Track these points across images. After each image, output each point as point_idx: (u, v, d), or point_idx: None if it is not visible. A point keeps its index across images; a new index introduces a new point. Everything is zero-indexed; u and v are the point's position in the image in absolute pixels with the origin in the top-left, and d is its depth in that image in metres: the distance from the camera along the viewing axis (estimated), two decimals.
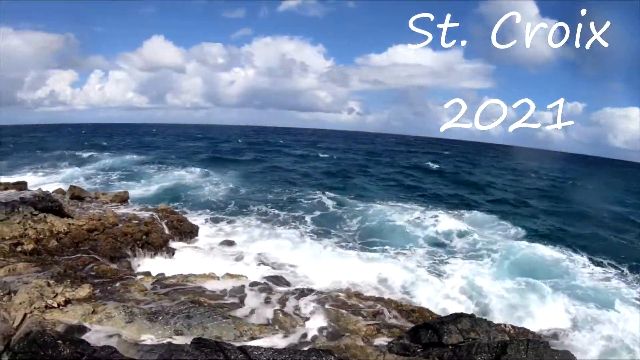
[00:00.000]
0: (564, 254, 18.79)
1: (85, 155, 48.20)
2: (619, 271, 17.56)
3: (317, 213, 24.45)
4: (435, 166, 53.14)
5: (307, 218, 23.21)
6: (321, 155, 59.71)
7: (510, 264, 17.14)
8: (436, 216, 24.27)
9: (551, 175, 55.80)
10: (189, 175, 36.37)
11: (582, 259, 18.58)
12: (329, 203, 27.07)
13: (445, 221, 23.25)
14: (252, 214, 23.47)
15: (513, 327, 10.80)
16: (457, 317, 7.74)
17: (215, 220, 21.67)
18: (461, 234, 21.13)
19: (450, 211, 26.27)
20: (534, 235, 21.90)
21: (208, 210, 23.80)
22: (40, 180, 31.94)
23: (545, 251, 18.70)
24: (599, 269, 17.68)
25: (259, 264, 15.00)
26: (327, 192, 29.83)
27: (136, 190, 28.79)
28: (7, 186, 20.24)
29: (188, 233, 17.39)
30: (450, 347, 7.15)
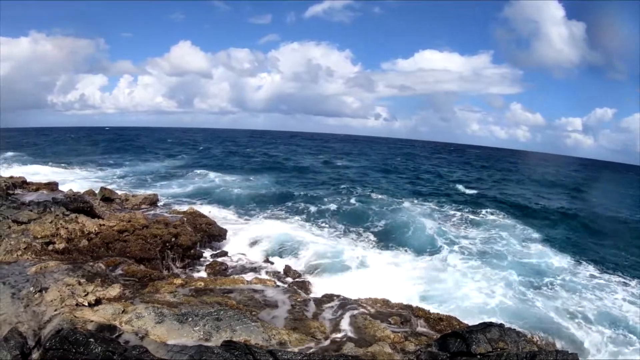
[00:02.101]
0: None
1: (117, 157, 49.47)
2: None
3: (346, 217, 24.39)
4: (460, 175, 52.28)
5: (336, 223, 23.09)
6: (345, 163, 59.32)
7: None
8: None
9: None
10: (219, 177, 36.75)
11: None
12: (357, 206, 27.11)
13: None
14: (282, 217, 23.53)
15: (541, 337, 10.66)
16: (486, 327, 7.51)
17: (245, 223, 21.61)
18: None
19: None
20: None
21: (238, 213, 23.82)
22: (77, 177, 33.66)
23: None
24: None
25: (286, 269, 14.87)
26: (353, 196, 29.87)
27: (170, 190, 29.69)
28: (39, 186, 20.73)
29: (217, 236, 17.39)
30: (478, 356, 6.95)
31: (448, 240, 20.93)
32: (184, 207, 20.26)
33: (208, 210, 22.05)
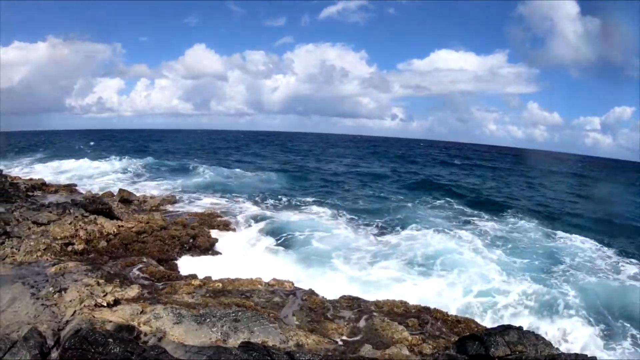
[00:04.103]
0: None
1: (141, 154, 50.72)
2: None
3: (363, 213, 24.02)
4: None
5: (351, 217, 22.76)
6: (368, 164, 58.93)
7: None
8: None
9: None
10: (239, 175, 37.02)
11: None
12: (375, 204, 26.94)
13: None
14: (297, 215, 23.25)
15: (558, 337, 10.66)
16: (505, 330, 7.35)
17: (262, 223, 21.23)
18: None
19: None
20: None
21: (254, 212, 23.58)
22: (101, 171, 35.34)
23: None
24: None
25: (304, 269, 14.77)
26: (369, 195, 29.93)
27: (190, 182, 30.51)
28: (57, 188, 21.00)
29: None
30: (497, 359, 6.79)
31: (466, 233, 20.69)
32: (202, 202, 20.25)
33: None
